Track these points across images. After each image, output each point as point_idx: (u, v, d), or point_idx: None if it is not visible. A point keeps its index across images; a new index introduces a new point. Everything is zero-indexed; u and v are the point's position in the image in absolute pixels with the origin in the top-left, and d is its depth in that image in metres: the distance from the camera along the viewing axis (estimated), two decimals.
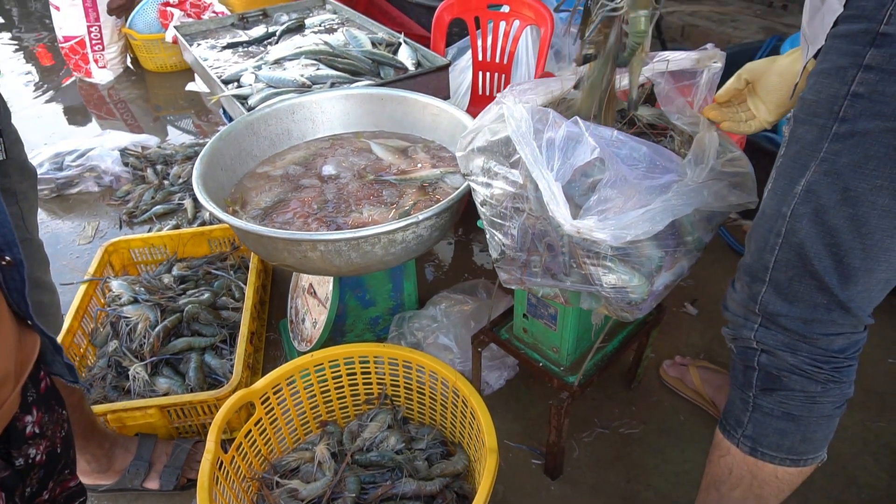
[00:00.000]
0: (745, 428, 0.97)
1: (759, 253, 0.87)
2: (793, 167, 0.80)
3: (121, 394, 1.61)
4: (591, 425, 1.57)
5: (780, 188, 0.82)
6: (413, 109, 1.68)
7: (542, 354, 1.37)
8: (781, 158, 0.83)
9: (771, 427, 0.94)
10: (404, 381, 1.42)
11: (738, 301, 0.94)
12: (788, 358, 0.89)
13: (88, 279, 1.78)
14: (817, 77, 0.77)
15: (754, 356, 0.93)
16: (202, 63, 2.02)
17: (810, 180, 0.78)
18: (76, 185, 2.61)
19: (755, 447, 0.97)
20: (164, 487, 1.44)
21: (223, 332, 1.73)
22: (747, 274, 0.91)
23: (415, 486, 1.25)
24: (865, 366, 1.68)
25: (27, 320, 0.70)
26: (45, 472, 0.73)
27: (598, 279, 0.97)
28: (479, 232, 2.25)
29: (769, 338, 0.90)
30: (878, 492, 1.41)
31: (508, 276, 1.09)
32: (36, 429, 0.71)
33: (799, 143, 0.79)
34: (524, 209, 0.99)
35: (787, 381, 0.91)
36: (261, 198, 1.49)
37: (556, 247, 0.98)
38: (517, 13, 2.11)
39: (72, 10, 3.40)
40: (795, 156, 0.80)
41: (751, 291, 0.90)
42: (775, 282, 0.86)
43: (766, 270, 0.87)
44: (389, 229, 1.20)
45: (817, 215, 0.79)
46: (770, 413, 0.94)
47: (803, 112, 0.78)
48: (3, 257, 0.65)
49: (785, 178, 0.81)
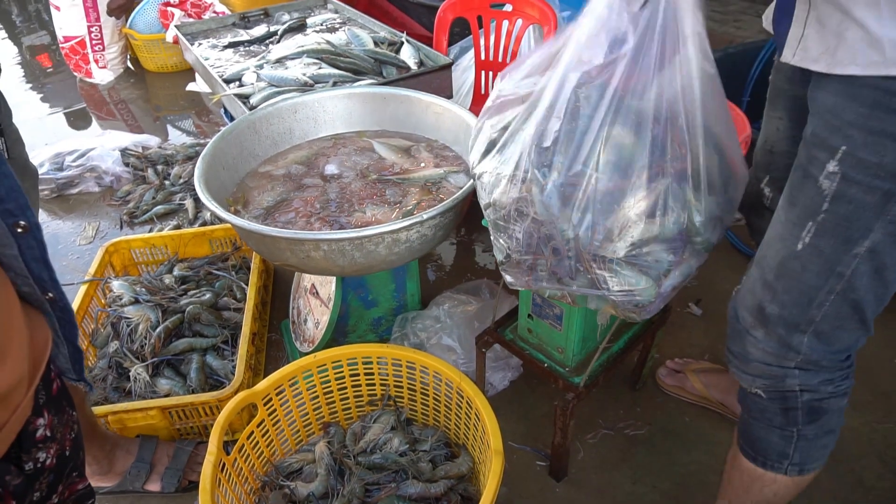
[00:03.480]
0: (792, 458, 1.00)
1: (803, 308, 0.86)
2: (849, 228, 0.78)
3: (122, 395, 1.60)
4: (596, 426, 1.56)
5: (831, 248, 0.80)
6: (416, 108, 1.67)
7: (547, 355, 1.36)
8: (825, 215, 0.79)
9: (816, 447, 0.98)
10: (408, 383, 1.41)
11: (770, 351, 0.92)
12: (828, 388, 0.93)
13: (89, 279, 1.77)
14: (876, 138, 0.73)
15: (796, 398, 0.94)
16: (203, 62, 2.01)
17: (875, 241, 0.78)
18: (77, 185, 2.60)
19: (803, 468, 1.00)
20: (166, 489, 1.43)
21: (225, 332, 1.72)
22: (782, 327, 0.89)
23: (419, 488, 1.24)
24: (872, 366, 1.68)
25: (47, 293, 0.68)
26: (54, 476, 0.71)
27: (604, 283, 0.96)
28: (481, 232, 2.24)
29: (811, 378, 0.92)
30: (884, 493, 1.40)
31: (514, 278, 1.08)
32: (47, 432, 0.70)
33: (854, 204, 0.76)
34: (528, 213, 0.97)
35: (828, 405, 0.94)
36: (263, 197, 1.48)
37: (563, 251, 0.97)
38: (520, 12, 2.10)
39: (72, 10, 3.39)
40: (851, 216, 0.77)
41: (789, 342, 0.89)
42: (819, 331, 0.87)
43: (810, 323, 0.87)
44: (393, 229, 1.19)
45: (877, 273, 0.80)
46: (815, 437, 0.97)
47: (858, 172, 0.75)
48: (18, 223, 0.62)
49: (837, 239, 0.79)
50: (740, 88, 2.25)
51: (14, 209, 0.62)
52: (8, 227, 0.62)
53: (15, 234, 0.62)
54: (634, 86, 0.88)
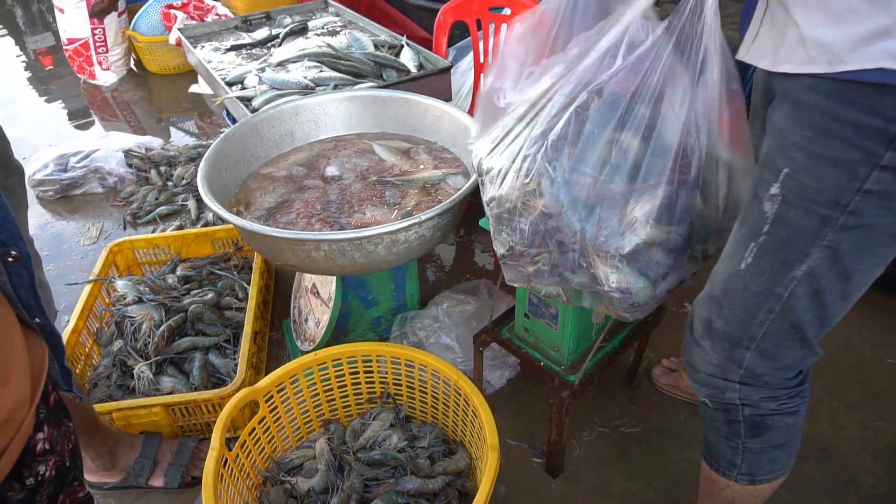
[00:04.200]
0: (740, 468, 1.01)
1: (744, 325, 0.87)
2: (787, 251, 0.78)
3: (126, 393, 1.62)
4: (591, 424, 1.58)
5: (770, 269, 0.81)
6: (415, 111, 1.69)
7: (544, 354, 1.38)
8: (765, 237, 0.80)
9: (764, 460, 0.99)
10: (406, 381, 1.43)
11: (714, 363, 0.93)
12: (770, 405, 0.93)
13: (93, 279, 1.80)
14: (815, 162, 0.72)
15: (738, 411, 0.96)
16: (206, 65, 2.04)
17: (812, 265, 0.78)
18: (80, 186, 2.63)
19: (753, 479, 1.01)
20: (169, 485, 1.46)
21: (227, 331, 1.74)
22: (726, 341, 0.90)
23: (417, 484, 1.26)
24: (865, 366, 1.70)
25: (34, 318, 0.71)
26: (54, 488, 0.72)
27: (605, 279, 0.98)
28: (479, 233, 2.26)
29: (753, 394, 0.93)
30: (877, 491, 1.42)
31: (514, 273, 1.10)
32: (46, 445, 0.71)
33: (792, 227, 0.77)
34: (536, 205, 0.99)
35: (771, 422, 0.95)
36: (265, 198, 1.50)
37: (568, 243, 0.99)
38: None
39: (76, 12, 3.42)
40: (789, 239, 0.78)
41: (732, 356, 0.91)
42: (761, 348, 0.88)
43: (752, 340, 0.88)
44: (392, 229, 1.21)
45: (815, 295, 0.81)
46: (761, 451, 0.98)
47: (797, 196, 0.75)
48: (10, 253, 0.65)
49: (776, 261, 0.80)
50: None
51: (6, 239, 0.64)
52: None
53: (6, 263, 0.65)
54: (646, 92, 0.89)
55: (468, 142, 1.16)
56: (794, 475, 1.42)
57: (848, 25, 0.67)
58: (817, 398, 1.62)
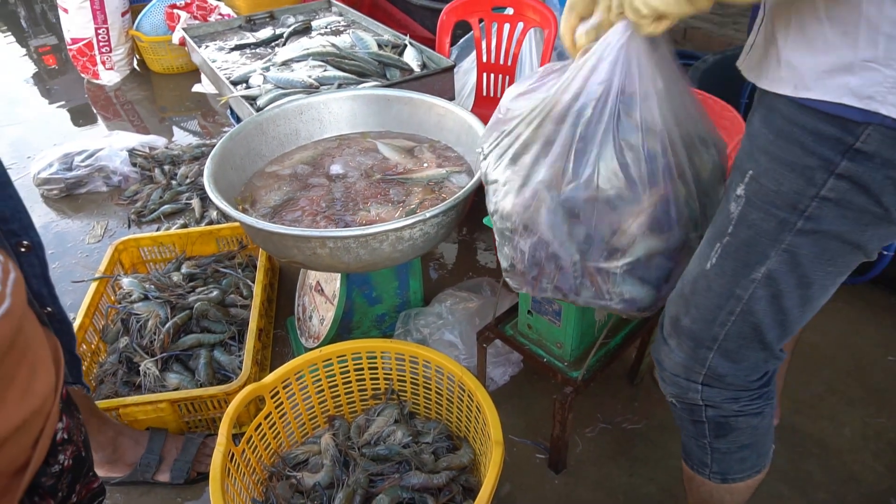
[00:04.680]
0: (711, 467, 1.02)
1: (708, 325, 0.88)
2: (748, 252, 0.80)
3: (132, 389, 1.64)
4: (594, 421, 1.59)
5: (732, 270, 0.82)
6: (419, 110, 1.71)
7: (547, 350, 1.40)
8: (729, 238, 0.81)
9: (733, 459, 1.00)
10: (411, 377, 1.44)
11: (679, 362, 0.94)
12: (733, 406, 0.94)
13: (99, 276, 1.81)
14: (776, 165, 0.74)
15: (701, 412, 0.96)
16: (210, 64, 2.05)
17: (771, 268, 0.79)
18: (85, 184, 2.64)
19: (725, 477, 1.02)
20: (175, 480, 1.47)
21: (232, 329, 1.75)
22: (691, 339, 0.91)
23: (422, 479, 1.27)
24: (865, 363, 1.71)
25: (46, 307, 0.72)
26: (72, 477, 0.74)
27: (607, 295, 1.00)
28: (483, 231, 2.28)
29: (715, 395, 0.93)
30: (877, 487, 1.43)
31: (517, 285, 1.11)
32: (65, 435, 0.73)
33: (753, 230, 0.78)
34: (536, 231, 0.99)
35: (735, 423, 0.95)
36: (270, 196, 1.52)
37: (568, 269, 1.00)
38: (521, 15, 2.13)
39: (80, 12, 3.43)
40: (751, 241, 0.79)
41: (696, 356, 0.91)
42: (724, 349, 0.88)
43: (714, 340, 0.88)
44: (398, 226, 1.23)
45: (774, 298, 0.81)
46: (728, 451, 0.99)
47: (759, 198, 0.77)
48: (22, 242, 0.66)
49: (738, 262, 0.81)
50: (738, 91, 2.29)
51: (17, 229, 0.66)
52: (11, 246, 0.66)
53: (18, 253, 0.66)
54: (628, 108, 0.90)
55: (477, 147, 1.17)
56: (794, 471, 1.45)
57: (818, 55, 0.68)
58: (818, 395, 1.63)
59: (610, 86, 0.88)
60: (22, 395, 0.50)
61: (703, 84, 2.15)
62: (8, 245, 0.65)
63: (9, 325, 0.47)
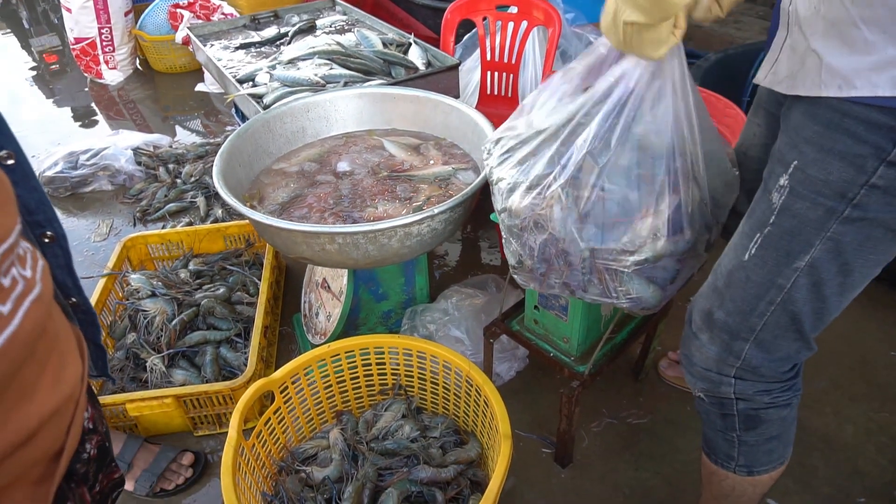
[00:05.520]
0: (738, 460, 1.03)
1: (745, 316, 0.89)
2: (791, 241, 0.81)
3: (138, 385, 1.65)
4: (600, 415, 1.61)
5: (774, 260, 0.83)
6: (425, 108, 1.72)
7: (553, 345, 1.41)
8: (771, 227, 0.83)
9: (760, 452, 1.01)
10: (418, 372, 1.45)
11: (711, 356, 0.95)
12: (764, 398, 0.96)
13: (108, 273, 1.82)
14: (824, 155, 0.76)
15: (732, 405, 0.98)
16: (216, 63, 2.06)
17: (815, 257, 0.80)
18: (90, 183, 2.65)
19: (751, 470, 1.03)
20: (138, 492, 1.46)
21: (238, 326, 1.77)
22: (726, 332, 0.92)
23: (430, 473, 1.28)
24: (869, 359, 1.72)
25: (70, 298, 0.73)
26: (97, 466, 0.75)
27: (615, 293, 1.01)
28: (488, 229, 2.29)
29: (747, 388, 0.95)
30: (880, 480, 1.44)
31: (525, 281, 1.12)
32: (90, 424, 0.73)
33: (798, 219, 0.80)
34: (546, 228, 1.01)
35: (765, 415, 0.97)
36: (277, 193, 1.53)
37: (577, 266, 1.01)
38: (526, 14, 2.15)
39: (83, 12, 3.45)
40: (795, 230, 0.80)
41: (731, 348, 0.92)
42: (760, 340, 0.90)
43: (751, 331, 0.90)
44: (406, 222, 1.24)
45: (815, 287, 0.83)
46: (757, 444, 1.00)
47: (804, 188, 0.78)
48: (45, 233, 0.67)
49: (780, 251, 0.82)
50: (740, 89, 2.30)
51: (42, 220, 0.67)
52: (36, 237, 0.66)
53: (42, 244, 0.67)
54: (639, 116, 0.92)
55: (483, 145, 1.18)
56: (799, 466, 1.46)
57: (860, 56, 0.71)
58: (822, 390, 1.65)
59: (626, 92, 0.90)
60: (54, 382, 0.51)
61: (705, 82, 2.16)
62: (32, 236, 0.66)
63: (41, 309, 0.48)
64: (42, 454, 0.52)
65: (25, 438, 0.48)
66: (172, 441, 1.60)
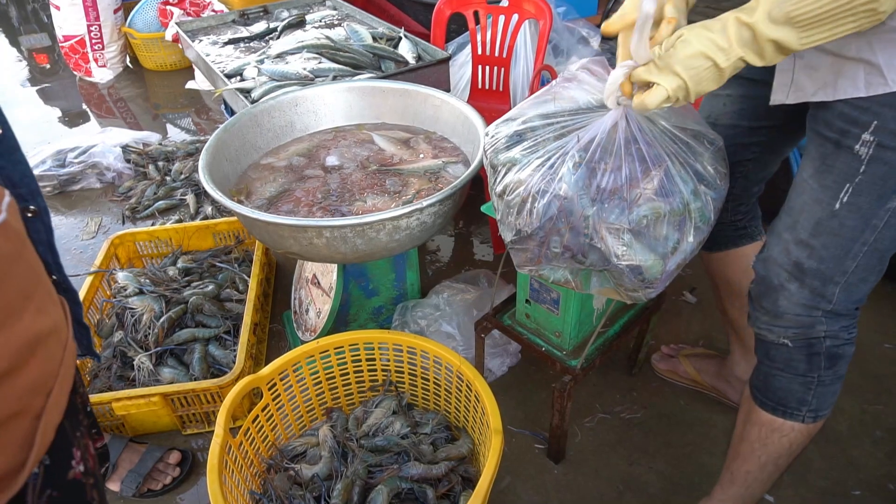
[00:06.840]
0: (810, 404, 1.09)
1: (839, 261, 0.97)
2: (884, 185, 0.90)
3: (126, 384, 1.62)
4: (593, 410, 1.59)
5: (868, 204, 0.92)
6: (414, 101, 1.70)
7: (545, 339, 1.39)
8: (861, 176, 0.91)
9: (829, 392, 1.09)
10: (409, 368, 1.44)
11: (802, 302, 1.02)
12: (845, 334, 1.04)
13: (95, 270, 1.80)
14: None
15: (820, 344, 1.04)
16: (205, 58, 2.04)
17: None
18: (79, 181, 2.62)
19: (818, 414, 1.10)
20: (124, 493, 1.44)
21: (227, 323, 1.74)
22: (818, 278, 0.99)
23: (421, 469, 1.27)
24: (863, 350, 1.71)
25: (52, 275, 0.72)
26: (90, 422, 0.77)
27: (615, 255, 1.00)
28: (478, 225, 2.27)
29: (834, 324, 1.03)
30: (875, 472, 1.43)
31: (523, 257, 1.11)
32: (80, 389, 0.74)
33: (888, 165, 0.89)
34: (551, 189, 1.02)
35: (843, 350, 1.06)
36: (265, 188, 1.51)
37: (579, 226, 1.01)
38: (516, 7, 2.13)
39: (72, 9, 3.41)
40: (887, 175, 0.89)
41: (823, 293, 1.00)
42: (849, 283, 0.98)
43: (844, 274, 0.98)
44: (394, 215, 1.22)
45: None
46: (830, 382, 1.08)
47: (892, 140, 0.87)
48: (29, 208, 0.67)
49: (872, 196, 0.91)
50: None
51: (25, 194, 0.66)
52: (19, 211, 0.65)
53: (25, 218, 0.66)
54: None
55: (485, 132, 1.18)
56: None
57: None
58: None
59: None
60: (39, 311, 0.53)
61: None
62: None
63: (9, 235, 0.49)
64: (35, 384, 0.52)
65: (17, 360, 0.49)
66: (161, 440, 1.58)
